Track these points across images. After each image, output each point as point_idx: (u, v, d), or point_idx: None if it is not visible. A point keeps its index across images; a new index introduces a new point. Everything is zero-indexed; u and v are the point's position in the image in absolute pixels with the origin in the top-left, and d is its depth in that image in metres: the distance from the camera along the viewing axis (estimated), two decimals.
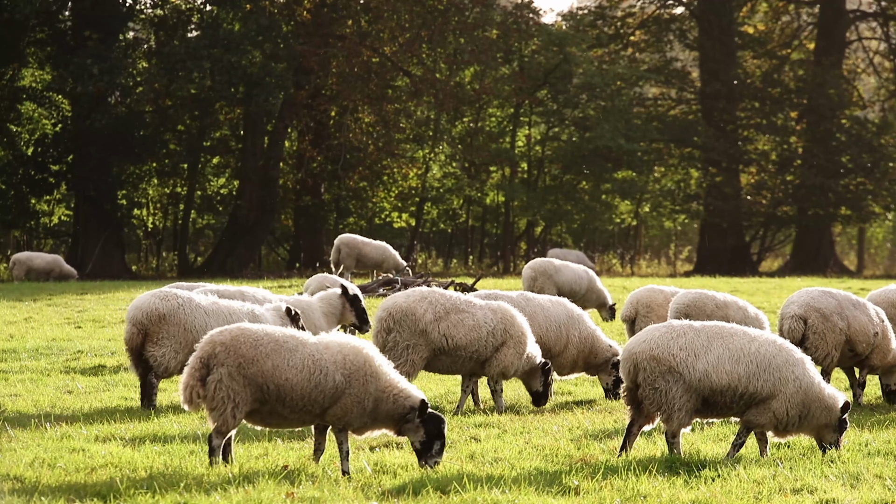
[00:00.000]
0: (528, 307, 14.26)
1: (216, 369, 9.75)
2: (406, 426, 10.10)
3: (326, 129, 49.22)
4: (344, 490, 9.31)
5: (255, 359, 9.78)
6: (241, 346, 9.80)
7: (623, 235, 63.03)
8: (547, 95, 54.01)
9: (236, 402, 9.74)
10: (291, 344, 9.95)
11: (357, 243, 31.24)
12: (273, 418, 10.05)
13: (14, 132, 47.82)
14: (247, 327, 10.02)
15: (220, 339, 9.87)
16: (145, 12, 49.30)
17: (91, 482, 9.50)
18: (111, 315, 24.57)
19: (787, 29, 60.47)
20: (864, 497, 9.25)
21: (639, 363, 10.57)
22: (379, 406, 10.03)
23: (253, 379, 9.76)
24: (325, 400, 9.91)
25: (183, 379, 9.91)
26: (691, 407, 10.55)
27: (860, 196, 54.95)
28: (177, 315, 13.84)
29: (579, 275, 23.95)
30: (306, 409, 9.93)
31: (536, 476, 9.88)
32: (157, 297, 14.02)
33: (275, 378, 9.79)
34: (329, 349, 10.01)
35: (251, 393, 9.78)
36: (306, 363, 9.88)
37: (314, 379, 9.86)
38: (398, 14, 48.85)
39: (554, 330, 14.22)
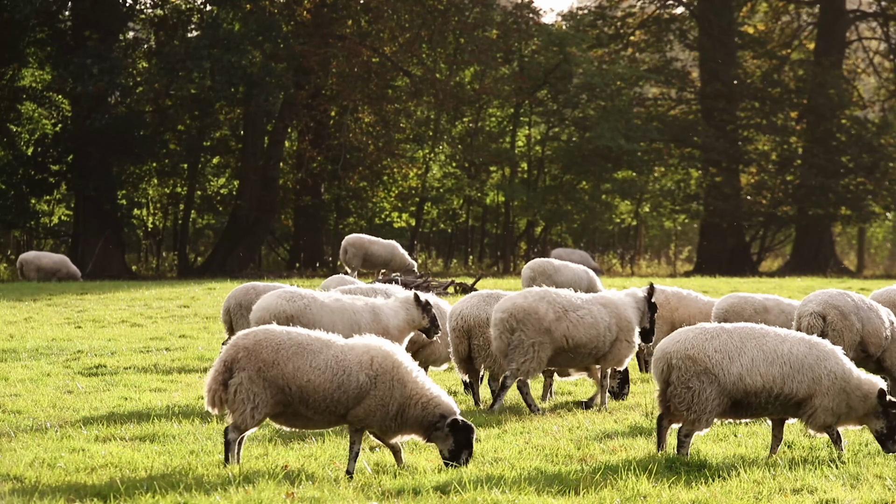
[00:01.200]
0: None
1: (237, 373, 9.84)
2: (435, 433, 10.12)
3: (326, 129, 49.22)
4: (344, 490, 9.31)
5: (275, 362, 9.84)
6: (263, 350, 9.87)
7: (623, 235, 63.02)
8: (547, 95, 54.00)
9: (255, 404, 9.81)
10: (315, 346, 10.00)
11: (363, 243, 31.22)
12: (298, 419, 10.11)
13: (14, 132, 47.82)
14: (271, 330, 10.07)
15: (243, 344, 9.96)
16: (145, 12, 49.32)
17: (91, 482, 9.50)
18: (111, 315, 24.57)
19: (787, 29, 60.47)
20: (864, 497, 9.25)
21: (673, 363, 10.60)
22: (405, 412, 10.05)
23: (273, 381, 9.83)
24: (349, 401, 9.95)
25: (207, 382, 10.00)
26: (721, 409, 10.60)
27: (860, 196, 54.94)
28: (304, 315, 13.97)
29: (579, 275, 23.94)
30: (329, 409, 9.96)
31: (536, 476, 9.88)
32: (283, 297, 14.12)
33: (296, 380, 9.85)
34: (355, 350, 10.05)
35: (272, 395, 9.84)
36: (329, 364, 9.93)
37: (337, 380, 9.90)
38: (398, 14, 48.86)
39: None
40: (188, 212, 52.08)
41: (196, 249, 57.32)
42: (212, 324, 23.13)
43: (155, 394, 14.74)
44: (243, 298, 16.70)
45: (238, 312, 16.66)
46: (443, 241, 60.92)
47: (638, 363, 17.38)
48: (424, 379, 10.22)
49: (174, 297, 29.21)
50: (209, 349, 19.04)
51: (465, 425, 10.09)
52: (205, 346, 19.56)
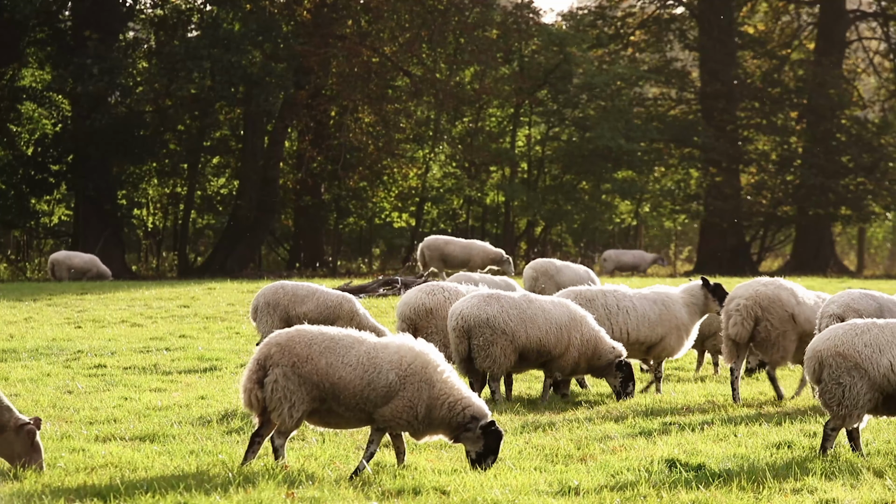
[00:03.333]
0: (528, 308, 14.23)
1: (272, 370, 9.86)
2: (465, 435, 10.10)
3: (326, 129, 49.21)
4: (344, 490, 9.31)
5: (308, 357, 9.87)
6: (296, 346, 9.91)
7: (623, 235, 63.02)
8: (547, 95, 54.01)
9: (292, 402, 9.83)
10: (347, 342, 10.03)
11: (439, 244, 31.21)
12: (332, 417, 10.12)
13: (14, 132, 47.83)
14: (303, 327, 10.10)
15: (275, 341, 9.99)
16: (145, 12, 49.33)
17: (91, 482, 9.50)
18: (111, 315, 24.57)
19: (787, 29, 60.48)
20: (864, 497, 9.25)
21: (824, 360, 10.69)
22: (432, 412, 10.05)
23: (308, 377, 9.85)
24: (378, 399, 9.96)
25: (242, 382, 10.01)
26: (871, 404, 10.67)
27: (860, 196, 54.96)
28: (443, 309, 14.11)
29: (581, 275, 23.96)
30: (359, 407, 9.98)
31: (536, 476, 9.88)
32: (423, 292, 14.46)
33: (329, 376, 9.87)
34: (387, 349, 10.07)
35: (307, 392, 9.86)
36: (361, 361, 9.96)
37: (367, 377, 9.93)
38: (398, 14, 48.86)
39: (554, 332, 14.20)
40: (188, 212, 52.08)
41: (196, 249, 57.31)
42: (212, 324, 23.13)
43: (155, 394, 14.74)
44: (272, 297, 16.86)
45: (266, 311, 16.80)
46: None
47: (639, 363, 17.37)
48: (455, 379, 10.20)
49: (174, 297, 29.21)
50: (209, 349, 19.04)
51: (497, 430, 10.09)
52: (205, 346, 19.56)
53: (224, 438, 11.65)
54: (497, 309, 13.96)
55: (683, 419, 12.88)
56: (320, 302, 16.90)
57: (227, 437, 11.75)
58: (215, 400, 14.01)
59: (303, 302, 16.89)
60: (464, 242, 31.41)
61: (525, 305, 14.16)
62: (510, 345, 13.90)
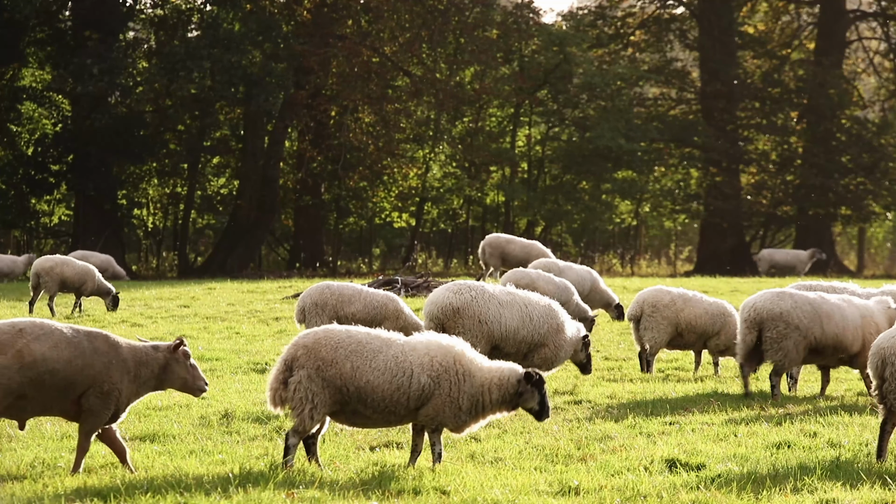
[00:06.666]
0: (824, 305, 14.55)
1: (297, 371, 9.85)
2: (523, 398, 10.16)
3: (326, 129, 49.21)
4: (344, 490, 9.31)
5: (334, 361, 9.84)
6: (322, 349, 9.88)
7: (623, 235, 63.02)
8: (547, 95, 54.01)
9: (315, 404, 9.81)
10: (375, 345, 9.99)
11: (501, 242, 31.26)
12: (357, 418, 10.11)
13: (14, 132, 47.83)
14: (332, 329, 10.07)
15: (302, 342, 9.96)
16: (145, 12, 49.34)
17: (91, 482, 9.50)
18: (111, 315, 24.57)
19: (787, 29, 60.49)
20: (864, 497, 9.25)
21: (886, 358, 10.66)
22: (481, 400, 10.09)
23: (331, 381, 9.83)
24: (411, 402, 9.96)
25: (269, 381, 10.01)
26: None
27: (860, 196, 54.96)
28: (470, 308, 14.14)
29: (582, 276, 24.00)
30: (389, 409, 9.98)
31: (536, 476, 9.88)
32: (450, 290, 14.41)
33: (355, 380, 9.84)
34: (416, 351, 10.04)
35: (330, 395, 9.84)
36: (389, 365, 9.92)
37: (396, 381, 9.91)
38: (398, 14, 48.86)
39: (851, 330, 14.57)
40: (188, 212, 52.08)
41: (196, 249, 57.32)
42: (212, 324, 23.13)
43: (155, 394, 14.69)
44: (319, 298, 17.01)
45: (313, 311, 16.93)
46: (443, 241, 60.91)
47: (640, 363, 17.39)
48: (486, 361, 10.24)
49: (174, 297, 29.21)
50: (209, 349, 19.03)
51: (539, 376, 10.18)
52: (205, 346, 19.55)
53: (224, 438, 11.65)
54: (791, 304, 14.29)
55: (683, 419, 12.88)
56: (367, 302, 17.10)
57: (227, 437, 11.75)
58: (215, 400, 14.01)
59: (350, 302, 17.06)
60: (524, 242, 31.47)
61: (819, 302, 14.39)
62: (803, 340, 14.24)
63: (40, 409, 9.83)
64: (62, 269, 24.75)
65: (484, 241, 31.54)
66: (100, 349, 9.77)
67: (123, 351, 9.90)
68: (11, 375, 9.43)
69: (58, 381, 9.59)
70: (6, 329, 9.56)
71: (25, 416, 9.84)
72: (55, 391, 9.63)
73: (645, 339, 17.09)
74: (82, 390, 9.72)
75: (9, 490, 9.23)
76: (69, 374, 9.62)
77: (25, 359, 9.46)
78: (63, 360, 9.58)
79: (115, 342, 9.89)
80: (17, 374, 9.44)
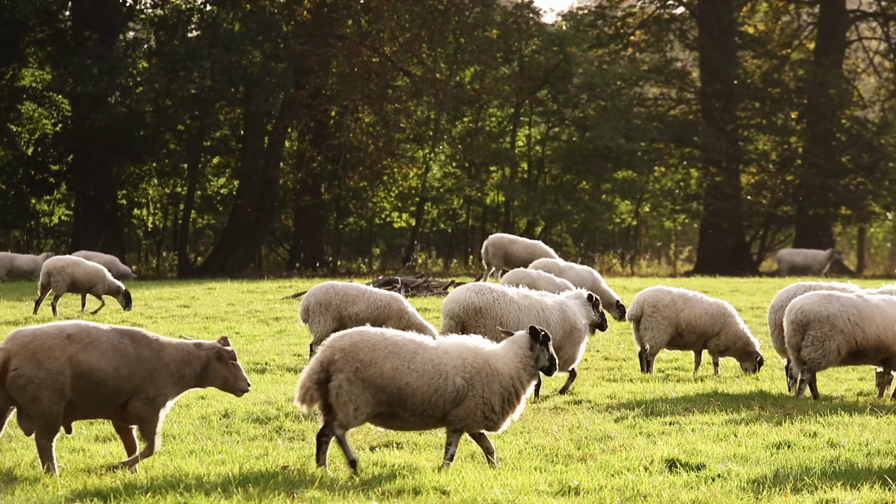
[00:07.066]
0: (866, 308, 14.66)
1: (335, 375, 9.83)
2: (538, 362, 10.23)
3: (326, 129, 49.22)
4: (344, 490, 9.31)
5: (372, 361, 9.85)
6: (359, 351, 9.88)
7: (623, 235, 63.03)
8: (547, 95, 54.02)
9: (357, 405, 9.82)
10: (411, 347, 10.01)
11: (504, 243, 31.25)
12: (394, 421, 10.14)
13: (14, 132, 47.83)
14: (366, 332, 10.07)
15: (339, 345, 9.94)
16: (145, 12, 49.34)
17: (91, 482, 9.50)
18: (111, 315, 24.57)
19: (787, 29, 60.49)
20: (864, 497, 9.25)
21: None
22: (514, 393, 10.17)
23: (371, 381, 9.83)
24: (447, 404, 10.01)
25: (301, 379, 9.98)
26: None
27: (860, 196, 54.96)
28: (492, 309, 14.35)
29: (583, 276, 24.03)
30: (427, 412, 10.02)
31: (536, 476, 9.88)
32: (472, 291, 14.65)
33: (395, 381, 9.87)
34: (448, 354, 10.08)
35: (371, 395, 9.85)
36: (427, 367, 9.96)
37: (434, 383, 9.95)
38: (398, 14, 48.87)
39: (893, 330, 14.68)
40: (188, 212, 52.08)
41: (196, 249, 57.32)
42: (212, 324, 23.13)
43: None
44: (323, 297, 17.10)
45: (317, 310, 17.01)
46: (443, 241, 60.93)
47: (640, 363, 17.39)
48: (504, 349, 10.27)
49: (174, 297, 29.21)
50: None
51: (542, 331, 10.27)
52: None
53: (224, 438, 11.65)
54: (838, 308, 14.34)
55: (683, 419, 12.88)
56: (370, 302, 17.18)
57: (227, 437, 11.75)
58: (215, 400, 14.01)
59: (354, 302, 17.15)
60: (528, 242, 31.46)
61: (862, 305, 14.53)
62: (846, 344, 14.34)
63: (84, 414, 9.91)
64: (73, 270, 24.88)
65: (487, 241, 31.58)
66: (143, 356, 9.81)
67: (167, 353, 9.94)
68: (64, 381, 9.49)
69: (104, 391, 9.65)
70: (54, 334, 9.57)
71: (70, 419, 9.91)
72: (100, 399, 9.69)
73: (645, 339, 17.10)
74: (127, 397, 9.78)
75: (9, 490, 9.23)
76: (115, 383, 9.68)
77: (76, 368, 9.51)
78: (110, 369, 9.64)
79: (158, 346, 9.93)
80: (70, 380, 9.51)
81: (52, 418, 9.53)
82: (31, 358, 9.43)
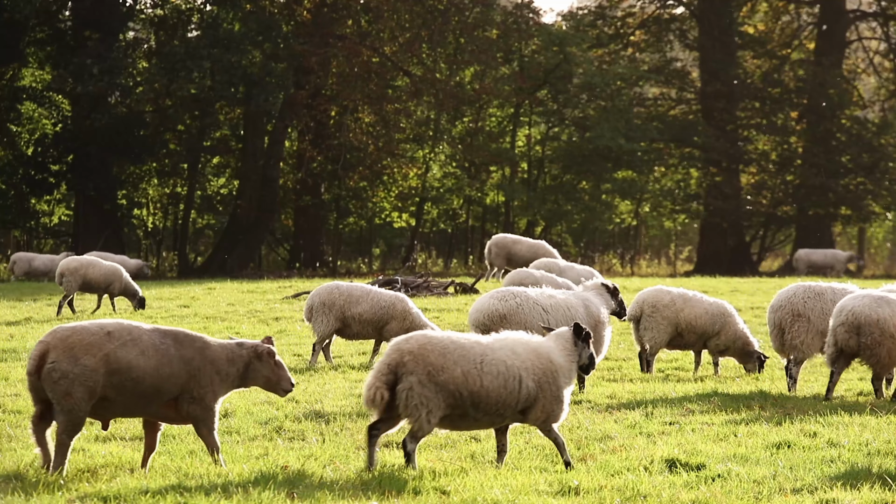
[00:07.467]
0: None
1: (405, 378, 9.80)
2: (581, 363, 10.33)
3: (326, 129, 49.22)
4: (344, 490, 9.31)
5: (444, 366, 9.85)
6: (430, 355, 9.87)
7: (623, 235, 63.03)
8: (547, 95, 54.02)
9: (430, 409, 9.81)
10: (478, 350, 10.03)
11: (507, 243, 31.30)
12: (464, 421, 10.16)
13: (14, 132, 47.84)
14: (432, 335, 10.06)
15: (407, 348, 9.91)
16: (145, 12, 49.34)
17: (91, 482, 9.50)
18: (111, 316, 24.57)
19: (787, 29, 60.50)
20: (864, 497, 9.25)
21: None
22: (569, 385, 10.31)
23: (444, 386, 9.84)
24: (519, 404, 10.05)
25: (368, 381, 9.95)
26: None
27: (860, 196, 54.98)
28: (516, 315, 14.42)
29: (583, 276, 24.04)
30: (499, 412, 10.06)
31: (536, 476, 9.88)
32: (496, 298, 14.72)
33: (468, 385, 9.87)
34: (517, 354, 10.11)
35: (444, 399, 9.86)
36: (500, 370, 9.98)
37: (508, 385, 9.99)
38: (398, 14, 48.88)
39: None
40: (188, 212, 52.09)
41: (196, 249, 57.32)
42: (212, 324, 23.12)
43: None
44: (327, 297, 17.17)
45: (321, 310, 17.08)
46: (443, 241, 60.93)
47: (640, 363, 17.39)
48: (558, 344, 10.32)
49: (174, 297, 29.21)
50: None
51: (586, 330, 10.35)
52: None
53: (224, 438, 11.65)
54: (889, 312, 14.15)
55: (683, 419, 12.88)
56: (375, 302, 17.25)
57: (226, 437, 11.74)
58: None
59: (358, 302, 17.21)
60: (531, 242, 31.51)
61: None
62: None
63: (123, 411, 9.91)
64: (86, 271, 24.99)
65: (490, 241, 31.62)
66: (186, 356, 9.83)
67: (211, 352, 9.96)
68: (97, 378, 9.49)
69: (143, 389, 9.66)
70: (94, 331, 9.60)
71: (109, 416, 9.95)
72: (139, 396, 9.70)
73: (645, 339, 17.09)
74: (171, 397, 9.80)
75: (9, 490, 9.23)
76: (155, 382, 9.68)
77: (112, 364, 9.52)
78: (150, 368, 9.64)
79: (202, 345, 9.96)
80: (104, 378, 9.50)
81: (79, 415, 9.55)
82: (68, 352, 9.46)
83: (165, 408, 9.86)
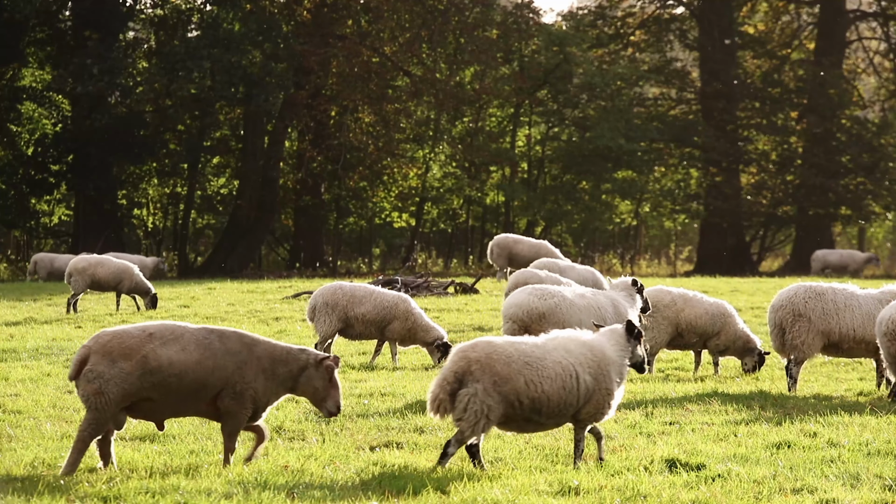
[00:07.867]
0: None
1: (471, 384, 9.80)
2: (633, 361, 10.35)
3: (326, 129, 49.22)
4: (344, 490, 9.31)
5: (508, 377, 9.86)
6: (496, 364, 9.87)
7: (623, 235, 63.03)
8: (547, 95, 54.03)
9: (489, 418, 9.82)
10: (538, 353, 10.04)
11: (508, 242, 31.35)
12: (529, 425, 10.21)
13: (14, 132, 47.83)
14: (497, 342, 10.05)
15: (474, 356, 9.90)
16: (145, 12, 49.34)
17: (91, 482, 9.50)
18: (111, 316, 24.57)
19: (787, 29, 60.51)
20: (864, 497, 9.24)
21: None
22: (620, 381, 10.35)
23: (507, 396, 9.86)
24: (580, 402, 10.10)
25: (432, 388, 9.96)
26: None
27: (860, 196, 54.99)
28: (555, 314, 14.70)
29: (584, 276, 24.08)
30: (561, 413, 10.10)
31: (536, 476, 9.88)
32: (535, 296, 14.94)
33: (529, 393, 9.90)
34: (572, 353, 10.14)
35: (503, 409, 9.89)
36: (557, 371, 10.01)
37: (567, 385, 10.02)
38: (398, 14, 48.88)
39: None
40: (188, 212, 52.09)
41: (196, 249, 57.33)
42: (211, 324, 23.10)
43: None
44: (330, 298, 17.26)
45: (324, 310, 17.15)
46: (443, 241, 60.93)
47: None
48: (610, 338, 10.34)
49: (174, 297, 29.22)
50: None
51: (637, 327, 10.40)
52: None
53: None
54: None
55: (683, 419, 12.88)
56: (377, 303, 17.34)
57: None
58: None
59: (360, 303, 17.29)
60: (533, 242, 31.54)
61: None
62: None
63: (173, 411, 9.97)
64: (95, 271, 25.16)
65: (492, 241, 31.69)
66: (232, 349, 9.84)
67: (258, 349, 9.96)
68: (132, 381, 9.52)
69: (187, 384, 9.69)
70: (135, 334, 9.66)
71: (159, 417, 9.99)
72: (185, 393, 9.74)
73: (645, 339, 17.10)
74: (216, 392, 9.82)
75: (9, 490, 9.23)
76: (199, 376, 9.70)
77: (150, 364, 9.56)
78: (192, 362, 9.67)
79: (249, 341, 9.96)
80: (138, 380, 9.54)
81: (105, 415, 9.60)
82: (106, 356, 9.54)
83: (215, 406, 9.90)
